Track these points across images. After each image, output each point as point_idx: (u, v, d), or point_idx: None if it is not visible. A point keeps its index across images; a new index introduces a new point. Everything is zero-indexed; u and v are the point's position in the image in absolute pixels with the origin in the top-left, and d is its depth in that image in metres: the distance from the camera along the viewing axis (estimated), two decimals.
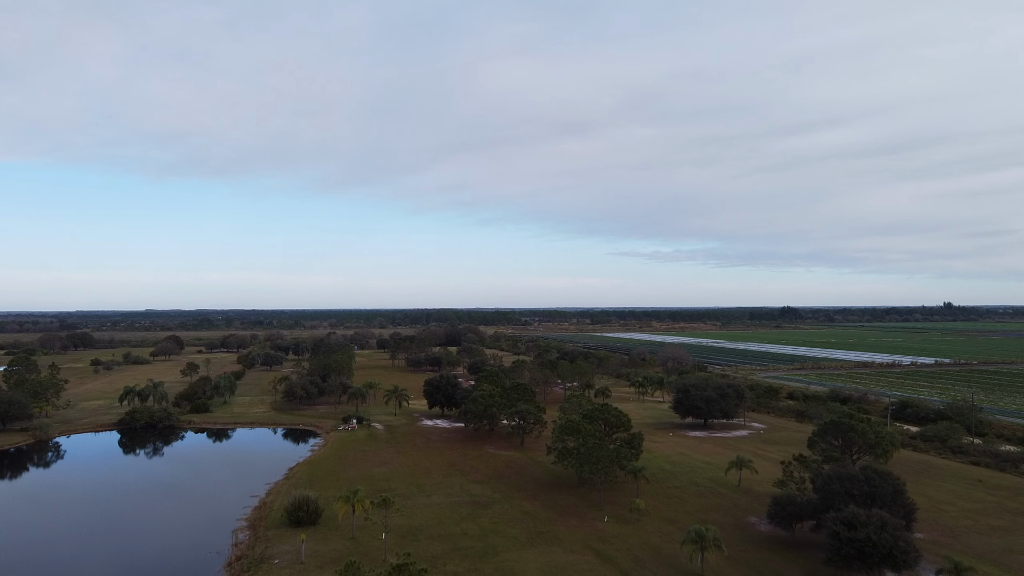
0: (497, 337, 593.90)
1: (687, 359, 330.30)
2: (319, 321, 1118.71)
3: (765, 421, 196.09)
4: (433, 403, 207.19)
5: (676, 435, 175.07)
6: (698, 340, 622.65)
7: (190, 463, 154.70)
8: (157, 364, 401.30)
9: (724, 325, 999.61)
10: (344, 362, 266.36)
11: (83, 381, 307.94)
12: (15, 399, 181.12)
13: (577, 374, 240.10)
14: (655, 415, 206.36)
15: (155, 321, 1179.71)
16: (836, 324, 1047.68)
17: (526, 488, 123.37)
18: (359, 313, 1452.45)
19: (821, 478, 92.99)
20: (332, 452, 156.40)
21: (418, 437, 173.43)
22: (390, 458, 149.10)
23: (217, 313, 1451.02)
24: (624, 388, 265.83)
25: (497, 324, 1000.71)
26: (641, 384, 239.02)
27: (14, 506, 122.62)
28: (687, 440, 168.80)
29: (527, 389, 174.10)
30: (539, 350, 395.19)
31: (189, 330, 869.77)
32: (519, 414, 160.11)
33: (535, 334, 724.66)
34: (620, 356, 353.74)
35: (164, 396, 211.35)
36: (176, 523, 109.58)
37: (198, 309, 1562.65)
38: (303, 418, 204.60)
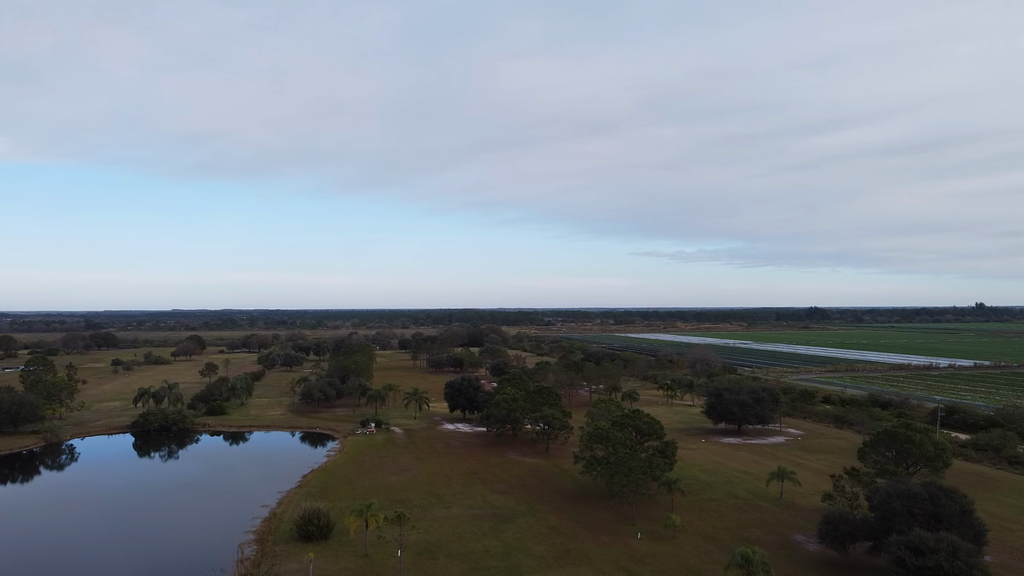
0: (520, 338, 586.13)
1: (716, 361, 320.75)
2: (342, 321, 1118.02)
3: (802, 427, 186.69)
4: (454, 406, 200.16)
5: (709, 442, 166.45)
6: (725, 341, 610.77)
7: (200, 468, 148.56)
8: (178, 364, 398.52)
9: (750, 326, 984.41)
10: (363, 363, 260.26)
11: (101, 381, 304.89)
12: (26, 400, 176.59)
13: (603, 376, 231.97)
14: (686, 420, 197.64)
15: (180, 321, 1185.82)
16: (865, 325, 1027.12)
17: (552, 500, 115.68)
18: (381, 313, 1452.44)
19: (879, 495, 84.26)
20: (348, 458, 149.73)
21: (438, 442, 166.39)
22: (408, 465, 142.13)
23: (242, 313, 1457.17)
24: (652, 391, 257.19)
25: (519, 324, 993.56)
26: (670, 387, 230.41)
27: (9, 512, 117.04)
28: (721, 447, 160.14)
29: (552, 393, 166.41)
30: (563, 351, 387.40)
31: (213, 330, 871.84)
32: (544, 419, 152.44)
33: (558, 335, 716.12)
34: (646, 358, 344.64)
35: (179, 398, 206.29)
36: (180, 536, 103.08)
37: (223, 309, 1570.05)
38: (320, 421, 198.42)
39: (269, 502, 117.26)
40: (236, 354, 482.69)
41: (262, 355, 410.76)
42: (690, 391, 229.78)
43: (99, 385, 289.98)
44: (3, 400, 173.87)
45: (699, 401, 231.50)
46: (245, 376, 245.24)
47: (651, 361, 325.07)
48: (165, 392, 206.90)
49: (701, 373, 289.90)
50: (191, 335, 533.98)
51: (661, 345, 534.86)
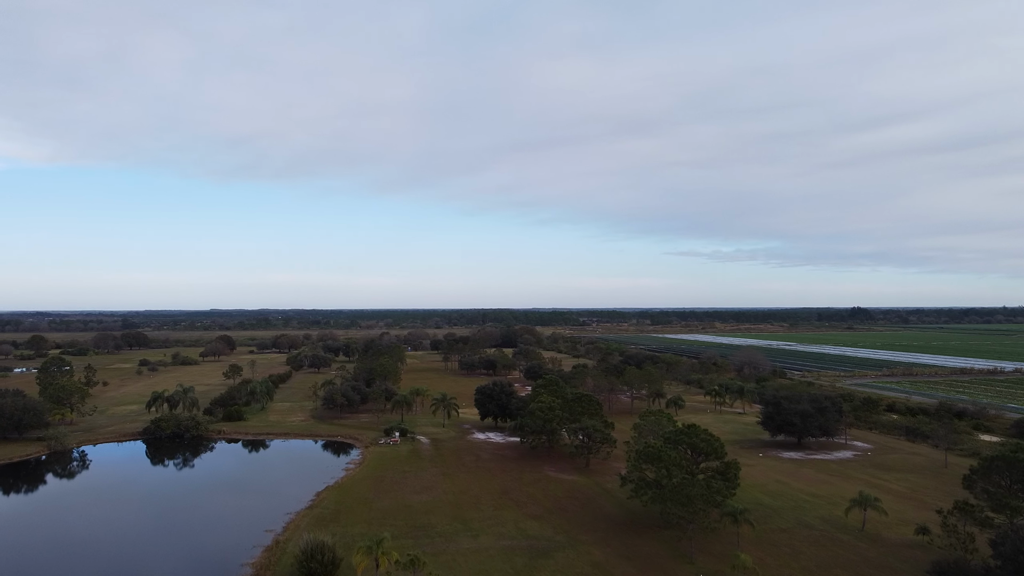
0: (555, 338, 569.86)
1: (764, 364, 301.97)
2: (375, 321, 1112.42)
3: (868, 439, 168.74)
4: (485, 413, 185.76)
5: (767, 456, 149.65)
6: (767, 342, 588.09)
7: (205, 484, 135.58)
8: (205, 365, 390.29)
9: (792, 326, 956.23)
10: (390, 367, 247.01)
11: (124, 383, 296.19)
12: (30, 406, 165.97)
13: (645, 381, 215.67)
14: (738, 430, 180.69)
15: (216, 320, 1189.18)
16: (912, 326, 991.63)
17: (595, 528, 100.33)
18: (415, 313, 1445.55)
19: (1012, 540, 67.58)
20: (368, 473, 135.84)
21: (467, 454, 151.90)
22: (433, 482, 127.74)
23: (277, 313, 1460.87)
24: (697, 397, 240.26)
25: (554, 324, 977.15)
26: (718, 393, 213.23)
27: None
28: (782, 464, 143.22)
29: (592, 401, 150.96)
30: (600, 353, 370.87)
31: (247, 329, 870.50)
32: (584, 431, 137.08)
33: (594, 335, 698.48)
34: (688, 360, 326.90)
35: (195, 403, 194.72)
36: (167, 568, 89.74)
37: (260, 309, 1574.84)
38: (342, 428, 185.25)
39: (275, 526, 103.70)
40: (265, 354, 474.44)
41: (290, 356, 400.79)
42: (740, 397, 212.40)
43: (121, 387, 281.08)
44: (5, 405, 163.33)
45: (750, 408, 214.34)
46: (266, 380, 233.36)
47: (694, 364, 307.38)
48: (180, 396, 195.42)
49: (749, 377, 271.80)
50: (221, 335, 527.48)
51: (702, 347, 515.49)
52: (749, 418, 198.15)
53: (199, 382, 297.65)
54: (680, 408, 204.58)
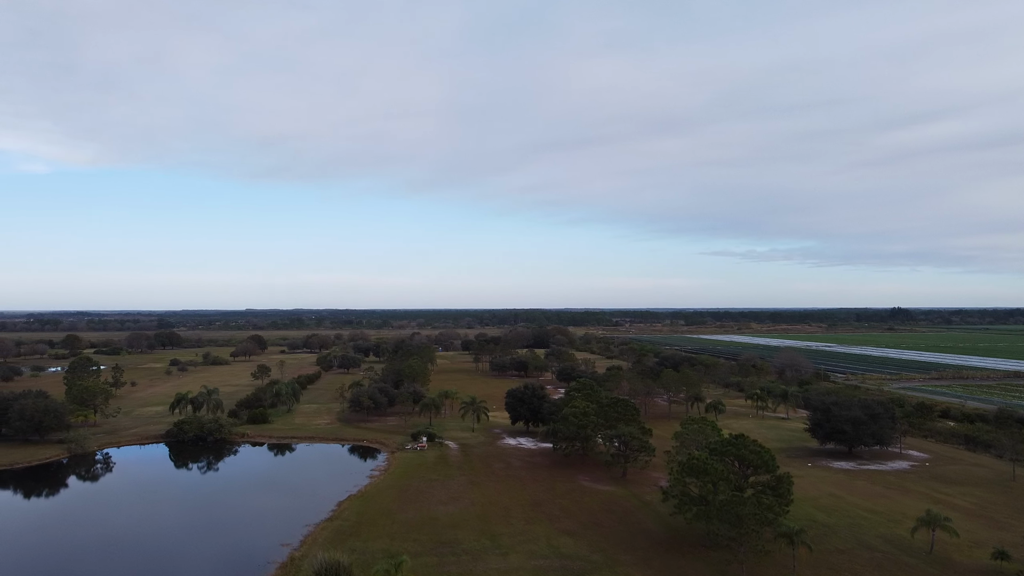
0: (587, 339, 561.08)
1: (806, 366, 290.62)
2: (407, 321, 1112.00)
3: (924, 448, 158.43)
4: (516, 418, 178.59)
5: (816, 466, 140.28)
6: (806, 343, 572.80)
7: (223, 491, 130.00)
8: (236, 365, 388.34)
9: (830, 327, 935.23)
10: (419, 368, 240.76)
11: (153, 383, 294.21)
12: (50, 407, 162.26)
13: (683, 384, 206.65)
14: (783, 437, 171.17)
15: (250, 320, 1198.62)
16: (955, 327, 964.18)
17: (634, 546, 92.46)
18: (447, 313, 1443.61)
19: None
20: (392, 480, 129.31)
21: (496, 461, 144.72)
22: (461, 491, 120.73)
23: (311, 313, 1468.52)
24: (737, 400, 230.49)
25: (586, 325, 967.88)
26: (760, 397, 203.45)
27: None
28: (833, 475, 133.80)
29: (629, 406, 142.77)
30: (635, 355, 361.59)
31: (280, 329, 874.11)
32: (621, 439, 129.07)
33: (627, 335, 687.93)
34: (727, 362, 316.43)
35: (219, 404, 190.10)
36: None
37: (294, 309, 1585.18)
38: (368, 432, 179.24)
39: (292, 540, 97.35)
40: (296, 354, 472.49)
41: (320, 356, 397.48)
42: (783, 402, 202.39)
43: (149, 387, 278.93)
44: (26, 407, 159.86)
45: (794, 414, 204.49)
46: (292, 381, 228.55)
47: (732, 366, 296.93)
48: (204, 398, 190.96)
49: (791, 380, 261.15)
50: (252, 335, 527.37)
51: (738, 348, 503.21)
52: (794, 424, 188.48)
53: (227, 382, 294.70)
54: (720, 413, 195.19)
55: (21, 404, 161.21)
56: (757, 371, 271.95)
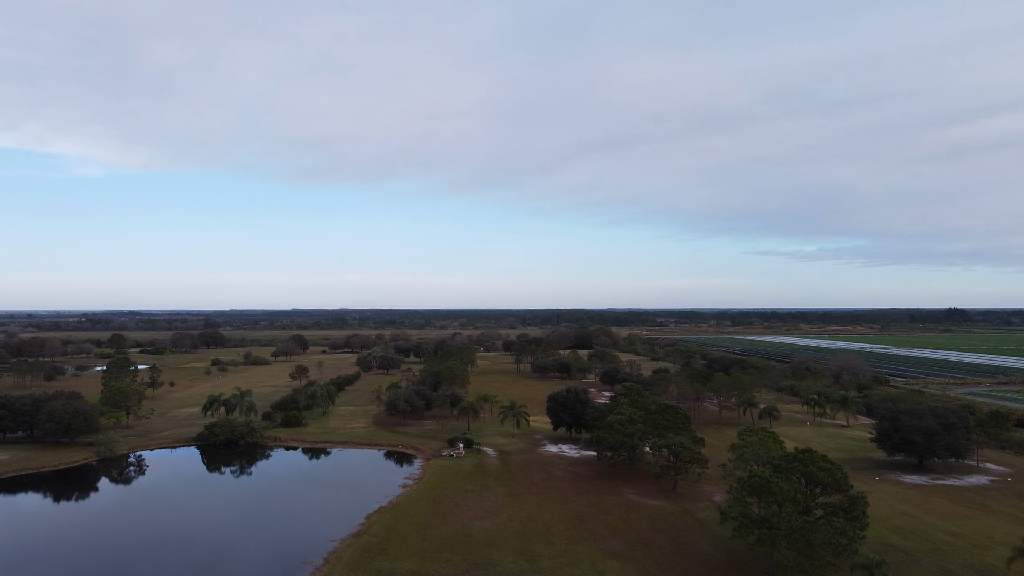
0: (631, 340, 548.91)
1: (863, 369, 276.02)
2: (449, 321, 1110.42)
3: (1003, 461, 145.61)
4: (558, 423, 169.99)
5: (885, 480, 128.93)
6: (859, 345, 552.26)
7: (247, 500, 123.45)
8: (276, 365, 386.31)
9: (883, 328, 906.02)
10: (457, 370, 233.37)
11: (192, 383, 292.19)
12: (80, 409, 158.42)
13: (735, 389, 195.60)
14: (844, 447, 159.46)
15: (295, 320, 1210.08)
16: (1015, 328, 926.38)
17: (688, 572, 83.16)
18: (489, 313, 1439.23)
19: None
20: (426, 491, 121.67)
21: (537, 471, 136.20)
22: (498, 505, 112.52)
23: (354, 313, 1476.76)
24: (791, 406, 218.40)
25: (630, 325, 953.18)
26: (817, 403, 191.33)
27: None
28: (905, 490, 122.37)
29: (679, 414, 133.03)
30: (681, 356, 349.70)
31: (324, 329, 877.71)
32: (670, 449, 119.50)
33: (672, 337, 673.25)
34: (779, 365, 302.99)
35: (252, 407, 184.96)
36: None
37: (338, 309, 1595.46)
38: (404, 437, 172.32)
39: (316, 557, 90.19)
40: (337, 354, 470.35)
41: (360, 357, 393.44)
42: (843, 408, 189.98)
43: (188, 387, 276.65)
44: (55, 409, 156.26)
45: (855, 421, 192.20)
46: (327, 383, 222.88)
47: (785, 369, 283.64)
48: (237, 400, 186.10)
49: (848, 384, 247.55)
50: (293, 335, 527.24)
51: (788, 349, 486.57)
52: (855, 432, 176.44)
53: (266, 383, 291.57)
54: (775, 419, 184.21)
55: (51, 406, 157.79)
56: (812, 375, 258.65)
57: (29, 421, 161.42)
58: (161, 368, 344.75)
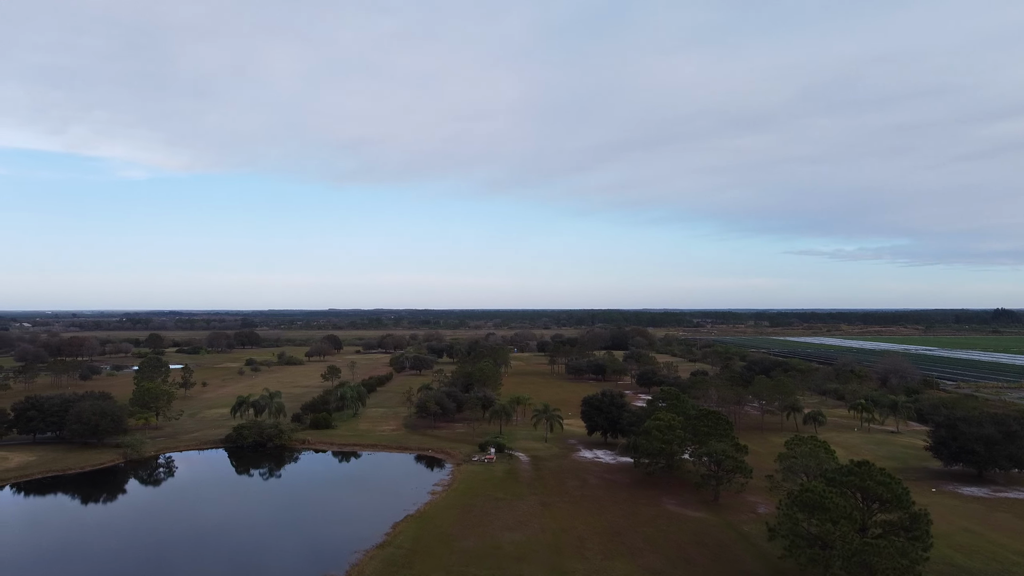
0: (668, 340, 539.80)
1: (911, 372, 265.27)
2: (484, 321, 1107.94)
3: None
4: (593, 428, 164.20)
5: (942, 492, 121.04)
6: (903, 346, 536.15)
7: (270, 505, 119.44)
8: (309, 365, 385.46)
9: (927, 329, 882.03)
10: (489, 371, 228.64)
11: (224, 383, 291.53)
12: (107, 410, 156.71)
13: (778, 392, 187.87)
14: (895, 455, 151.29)
15: (331, 320, 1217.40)
16: None
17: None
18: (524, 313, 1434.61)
19: None
20: (455, 499, 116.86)
21: (571, 478, 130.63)
22: (529, 515, 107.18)
23: (390, 313, 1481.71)
24: (837, 411, 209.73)
25: (666, 326, 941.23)
26: (864, 407, 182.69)
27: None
28: (965, 504, 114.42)
29: (721, 420, 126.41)
30: (720, 358, 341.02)
31: (359, 329, 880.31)
32: (712, 457, 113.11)
33: (709, 337, 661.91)
34: (822, 367, 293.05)
35: (281, 408, 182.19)
36: None
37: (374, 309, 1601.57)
38: (434, 440, 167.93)
39: (337, 569, 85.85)
40: (371, 355, 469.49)
41: (393, 357, 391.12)
42: (892, 413, 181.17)
43: (220, 387, 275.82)
44: (83, 410, 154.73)
45: (905, 427, 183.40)
46: (357, 385, 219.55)
47: (828, 371, 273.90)
48: (266, 402, 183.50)
49: (896, 388, 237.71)
50: (327, 335, 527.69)
51: (830, 351, 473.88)
52: (906, 439, 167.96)
53: (298, 383, 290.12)
54: (820, 425, 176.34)
55: (79, 407, 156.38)
56: (857, 378, 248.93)
57: (58, 422, 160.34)
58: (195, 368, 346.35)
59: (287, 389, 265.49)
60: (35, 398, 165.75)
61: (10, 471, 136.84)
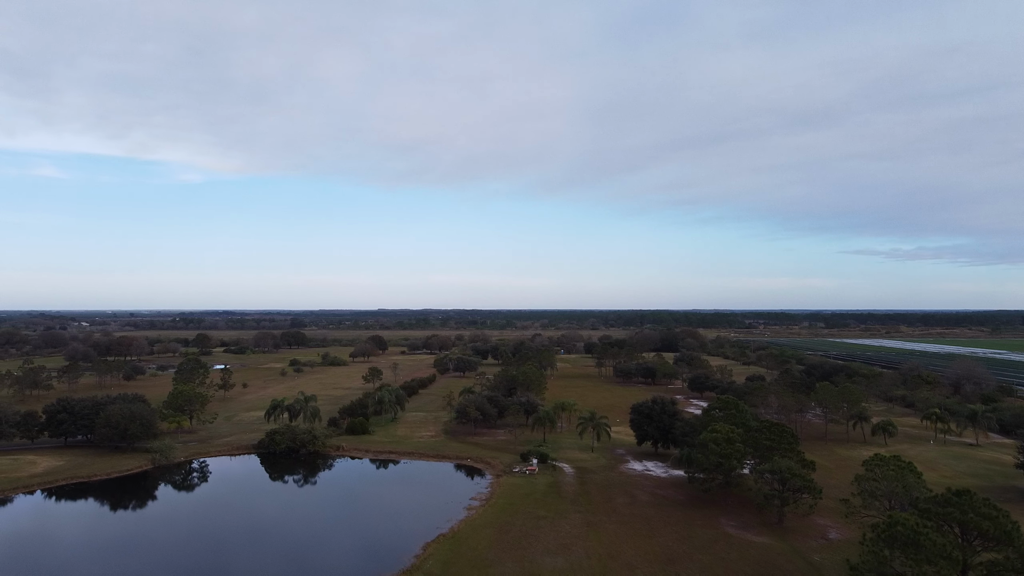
0: (719, 342, 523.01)
1: (986, 378, 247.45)
2: (531, 322, 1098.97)
3: None
4: (643, 437, 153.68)
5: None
6: (970, 350, 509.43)
7: (295, 520, 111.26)
8: (353, 366, 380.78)
9: (993, 331, 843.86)
10: (533, 375, 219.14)
11: (266, 385, 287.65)
12: (136, 414, 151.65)
13: (844, 400, 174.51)
14: (976, 471, 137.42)
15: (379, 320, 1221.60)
16: None
17: None
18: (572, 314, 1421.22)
19: None
20: (493, 516, 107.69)
21: (619, 494, 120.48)
22: (574, 536, 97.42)
23: (438, 313, 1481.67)
24: (905, 419, 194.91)
25: (716, 327, 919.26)
26: (939, 417, 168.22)
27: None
28: None
29: (786, 433, 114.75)
30: (775, 361, 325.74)
31: (405, 329, 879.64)
32: (777, 475, 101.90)
33: (762, 339, 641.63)
34: (887, 372, 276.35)
35: (315, 413, 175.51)
36: None
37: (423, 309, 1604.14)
38: (473, 448, 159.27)
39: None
40: (416, 355, 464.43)
41: (437, 358, 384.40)
42: (972, 424, 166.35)
43: (261, 389, 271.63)
44: (112, 414, 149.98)
45: (985, 439, 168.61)
46: (396, 388, 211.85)
47: (894, 377, 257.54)
48: (300, 406, 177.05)
49: (971, 396, 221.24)
50: (372, 335, 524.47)
51: (892, 354, 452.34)
52: (988, 453, 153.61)
53: (340, 385, 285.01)
54: (891, 436, 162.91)
55: (109, 411, 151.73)
56: (927, 384, 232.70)
57: (89, 425, 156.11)
58: (239, 368, 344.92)
59: (328, 391, 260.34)
60: (67, 400, 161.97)
61: (35, 477, 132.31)
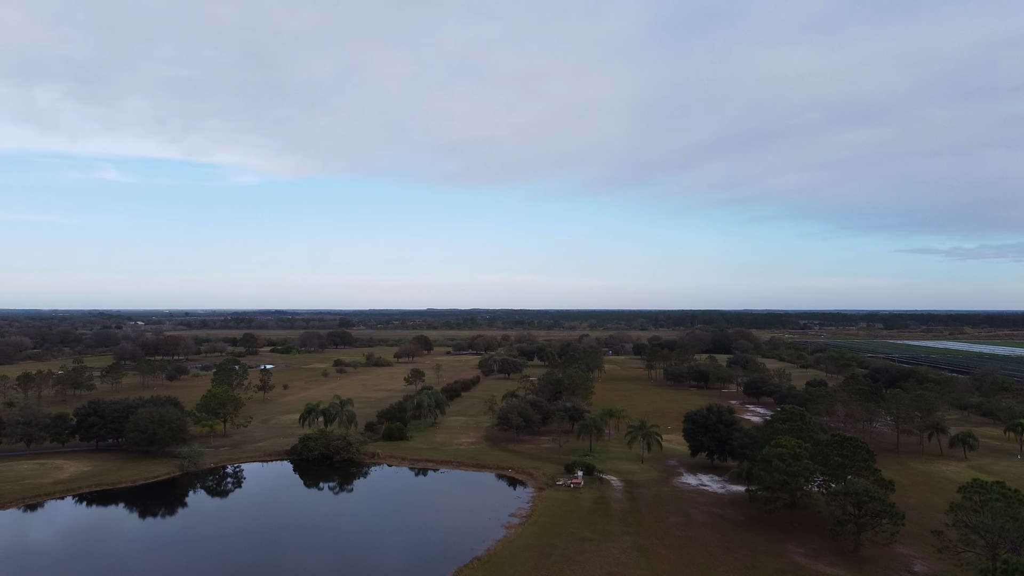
0: (774, 344, 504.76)
1: None
2: (579, 322, 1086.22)
3: None
4: (697, 448, 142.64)
5: None
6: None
7: (319, 536, 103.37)
8: (397, 367, 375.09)
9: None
10: (579, 379, 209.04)
11: (307, 386, 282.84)
12: (165, 418, 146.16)
13: (918, 409, 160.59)
14: None
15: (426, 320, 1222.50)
16: None
17: None
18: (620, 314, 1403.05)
19: None
20: (532, 537, 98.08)
21: (672, 512, 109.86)
22: (621, 563, 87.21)
23: (485, 313, 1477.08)
24: (984, 429, 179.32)
25: (770, 328, 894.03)
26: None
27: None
28: None
29: (860, 449, 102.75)
30: (837, 364, 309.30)
31: (452, 329, 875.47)
32: (852, 497, 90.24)
33: (819, 340, 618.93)
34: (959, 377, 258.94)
35: (351, 418, 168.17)
36: None
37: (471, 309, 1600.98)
38: (515, 457, 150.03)
39: None
40: (461, 356, 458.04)
41: (482, 359, 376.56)
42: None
43: (302, 390, 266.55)
44: (141, 418, 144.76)
45: None
46: (435, 392, 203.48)
47: (968, 383, 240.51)
48: (336, 410, 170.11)
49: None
50: (417, 335, 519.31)
51: (959, 357, 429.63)
52: None
53: (382, 386, 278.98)
54: (971, 449, 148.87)
55: (138, 415, 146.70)
56: (1007, 391, 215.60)
57: (119, 428, 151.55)
58: (284, 368, 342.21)
59: (369, 393, 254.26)
60: (97, 403, 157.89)
61: (60, 483, 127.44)
